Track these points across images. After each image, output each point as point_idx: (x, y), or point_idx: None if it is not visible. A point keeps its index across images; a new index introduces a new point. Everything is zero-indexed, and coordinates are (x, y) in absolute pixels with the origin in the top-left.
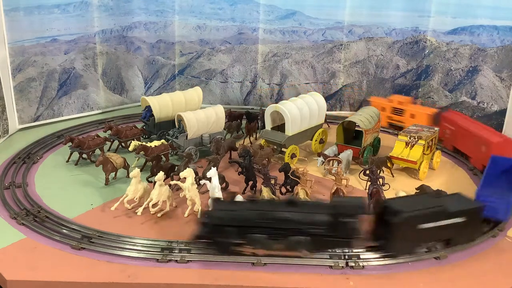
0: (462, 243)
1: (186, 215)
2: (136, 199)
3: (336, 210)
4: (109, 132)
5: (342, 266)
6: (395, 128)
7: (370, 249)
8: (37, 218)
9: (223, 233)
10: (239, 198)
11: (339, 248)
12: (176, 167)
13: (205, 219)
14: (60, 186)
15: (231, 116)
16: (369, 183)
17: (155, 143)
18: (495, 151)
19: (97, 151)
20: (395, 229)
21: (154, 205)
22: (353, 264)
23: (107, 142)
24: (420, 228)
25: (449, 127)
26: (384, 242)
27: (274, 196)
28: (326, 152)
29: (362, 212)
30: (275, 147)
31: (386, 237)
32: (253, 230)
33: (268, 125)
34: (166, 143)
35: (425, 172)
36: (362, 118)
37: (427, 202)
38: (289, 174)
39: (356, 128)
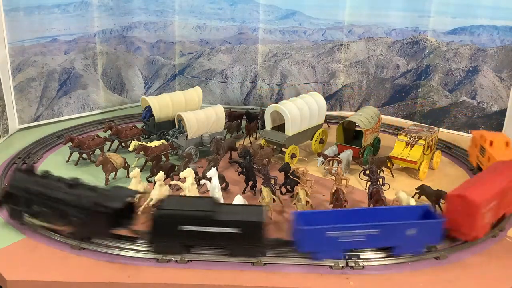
0: (241, 256)
1: None
2: (136, 199)
3: (99, 198)
4: (109, 132)
5: (342, 266)
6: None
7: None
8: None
9: (15, 200)
10: (239, 198)
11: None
12: (176, 167)
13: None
14: None
15: (231, 116)
16: (369, 183)
17: (155, 143)
18: None
19: (97, 151)
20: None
21: (154, 205)
22: (353, 264)
23: (107, 142)
24: (181, 229)
25: None
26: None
27: (274, 196)
28: (326, 152)
29: (121, 204)
30: (275, 147)
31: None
32: (38, 203)
33: (268, 125)
34: (166, 143)
35: (425, 172)
36: (362, 118)
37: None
38: (289, 174)
39: (356, 128)
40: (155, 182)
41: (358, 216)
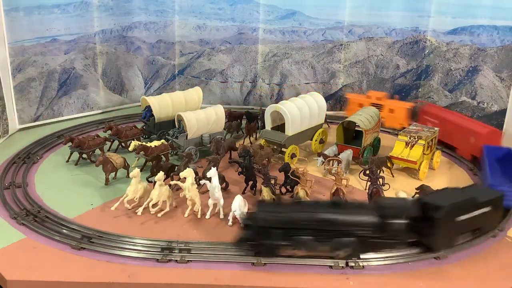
0: (488, 231)
1: (186, 215)
2: (136, 199)
3: (382, 211)
4: (109, 132)
5: (342, 266)
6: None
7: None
8: (37, 218)
9: (268, 235)
10: (239, 198)
11: (384, 249)
12: (176, 167)
13: (249, 221)
14: (60, 186)
15: (231, 116)
16: (369, 183)
17: (155, 143)
18: (484, 141)
19: (97, 151)
20: (438, 224)
21: (154, 205)
22: (353, 264)
23: (107, 142)
24: (458, 220)
25: (431, 120)
26: (427, 239)
27: (274, 196)
28: (326, 152)
29: (408, 213)
30: (275, 147)
31: (429, 234)
32: (299, 232)
33: (268, 125)
34: (166, 143)
35: (425, 172)
36: (362, 118)
37: (459, 194)
38: (289, 174)
39: (356, 128)
40: (155, 182)
41: None
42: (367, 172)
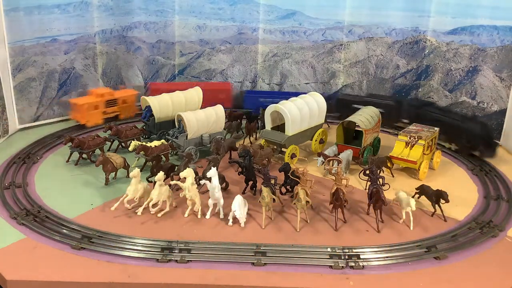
0: None
1: (186, 215)
2: (136, 199)
3: None
4: (109, 132)
5: (342, 266)
6: (110, 120)
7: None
8: (37, 218)
9: None
10: (239, 198)
11: None
12: (176, 167)
13: None
14: (60, 186)
15: (231, 116)
16: (369, 183)
17: (155, 143)
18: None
19: (97, 151)
20: None
21: (154, 205)
22: (353, 264)
23: (107, 142)
24: None
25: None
26: None
27: (274, 196)
28: (326, 152)
29: None
30: (275, 147)
31: None
32: None
33: (268, 125)
34: (166, 143)
35: (425, 172)
36: (362, 118)
37: None
38: (289, 174)
39: (356, 128)
40: (155, 182)
41: None
42: (367, 172)
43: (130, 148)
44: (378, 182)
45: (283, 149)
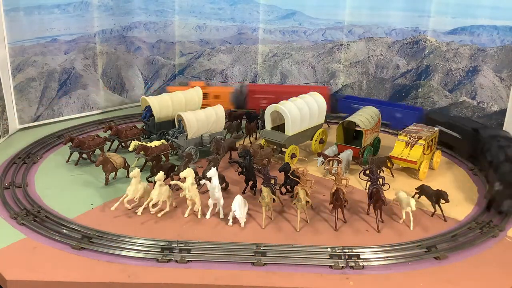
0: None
1: (186, 215)
2: (136, 199)
3: None
4: (109, 132)
5: (342, 266)
6: None
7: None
8: (37, 218)
9: None
10: (239, 198)
11: None
12: (176, 167)
13: None
14: (60, 186)
15: (231, 116)
16: (369, 183)
17: (155, 143)
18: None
19: (97, 151)
20: None
21: (154, 205)
22: (353, 264)
23: (107, 142)
24: None
25: (260, 97)
26: None
27: (274, 196)
28: (326, 152)
29: None
30: (275, 147)
31: None
32: None
33: (268, 125)
34: (166, 143)
35: (425, 172)
36: (362, 118)
37: None
38: (289, 174)
39: (356, 128)
40: (155, 182)
41: None
42: (367, 172)
43: (130, 148)
44: (378, 182)
45: (283, 149)
